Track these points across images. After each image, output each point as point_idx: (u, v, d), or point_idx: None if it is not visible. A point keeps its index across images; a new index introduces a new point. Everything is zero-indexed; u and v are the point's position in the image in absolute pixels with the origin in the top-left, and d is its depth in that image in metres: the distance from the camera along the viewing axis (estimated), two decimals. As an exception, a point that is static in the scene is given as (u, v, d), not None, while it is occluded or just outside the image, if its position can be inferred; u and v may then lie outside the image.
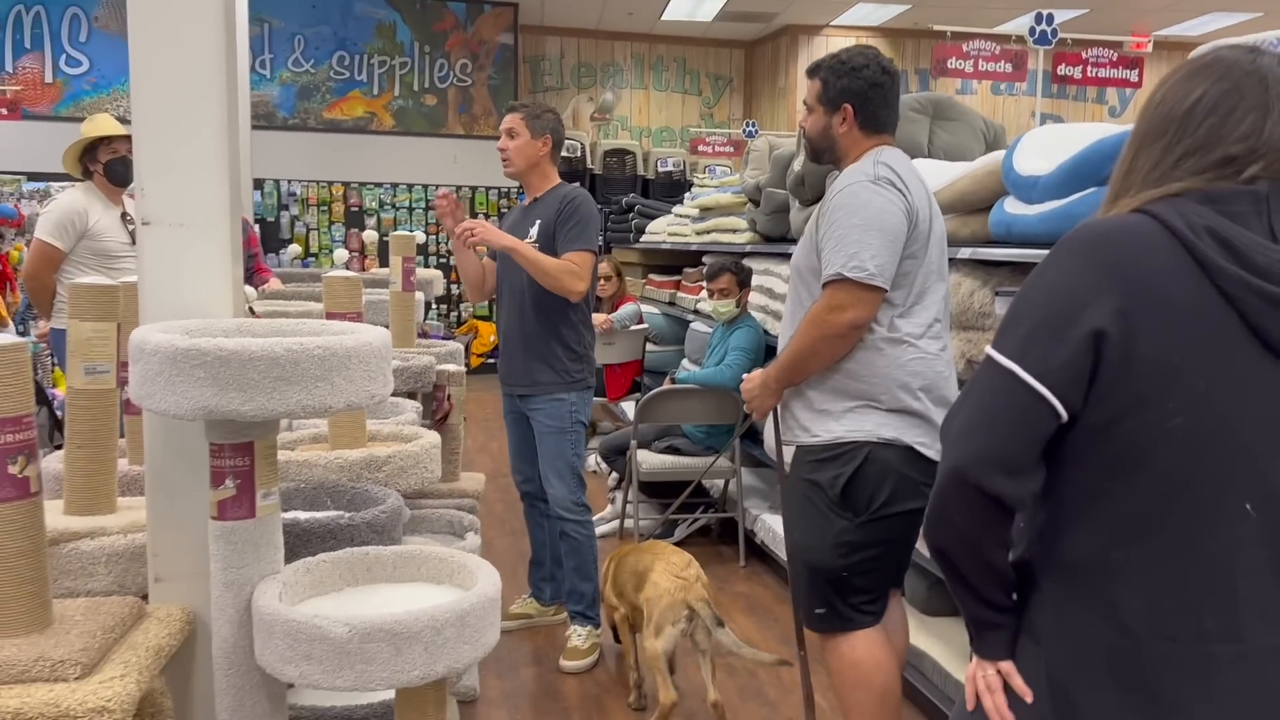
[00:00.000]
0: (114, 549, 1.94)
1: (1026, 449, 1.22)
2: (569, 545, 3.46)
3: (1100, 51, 4.96)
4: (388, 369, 1.76)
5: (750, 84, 12.38)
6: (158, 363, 1.56)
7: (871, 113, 2.38)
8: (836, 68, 2.39)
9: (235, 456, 1.72)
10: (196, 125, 1.80)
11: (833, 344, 2.28)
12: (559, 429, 3.39)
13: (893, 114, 2.43)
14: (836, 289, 2.25)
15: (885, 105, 2.39)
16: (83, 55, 9.70)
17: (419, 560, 1.95)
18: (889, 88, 2.39)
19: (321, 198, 10.44)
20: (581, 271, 3.28)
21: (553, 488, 3.42)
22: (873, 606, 2.39)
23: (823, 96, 2.42)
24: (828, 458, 2.32)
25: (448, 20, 10.68)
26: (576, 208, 3.32)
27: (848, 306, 2.23)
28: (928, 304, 2.33)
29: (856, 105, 2.37)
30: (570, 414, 3.40)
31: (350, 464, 2.41)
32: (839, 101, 2.38)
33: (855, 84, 2.37)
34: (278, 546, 1.81)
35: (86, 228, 4.12)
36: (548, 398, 3.38)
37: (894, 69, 2.43)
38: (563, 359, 3.37)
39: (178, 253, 1.83)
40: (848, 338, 2.27)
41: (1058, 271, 1.25)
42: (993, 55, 5.21)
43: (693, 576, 2.93)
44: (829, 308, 2.25)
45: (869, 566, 2.34)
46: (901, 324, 2.30)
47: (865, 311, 2.24)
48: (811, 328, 2.29)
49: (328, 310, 2.63)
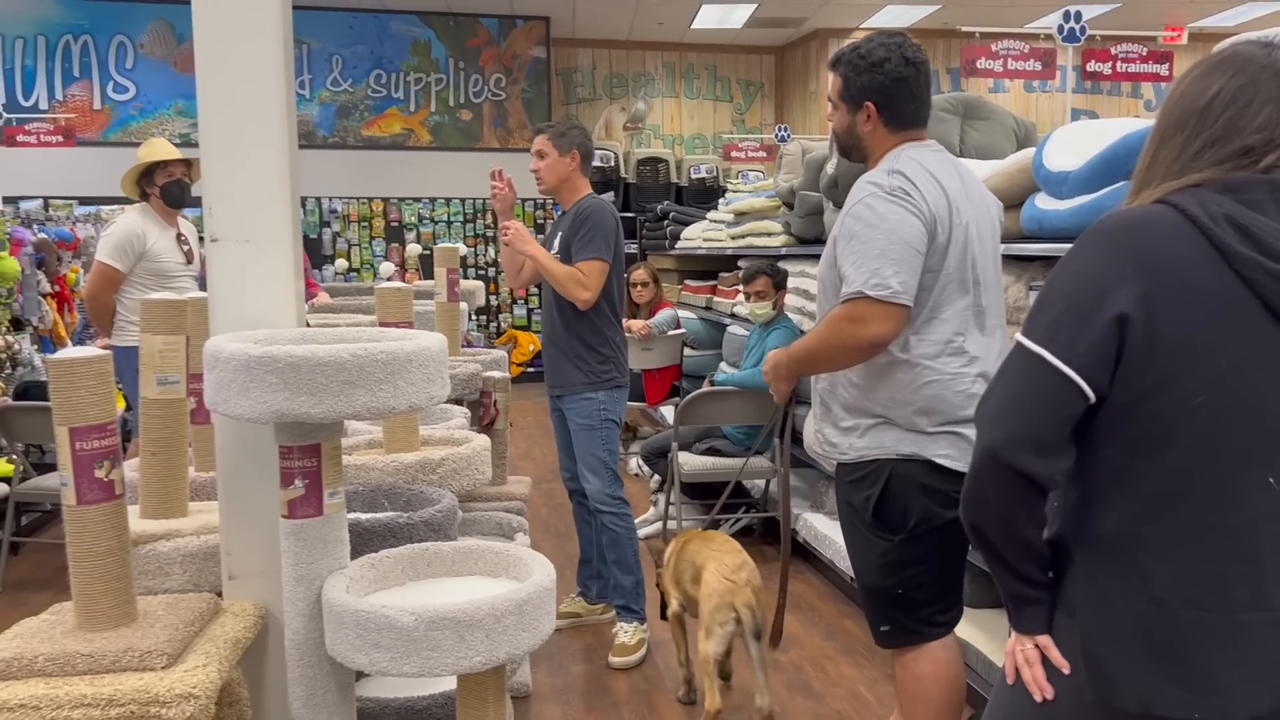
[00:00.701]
0: (188, 549, 2.05)
1: (1056, 429, 1.29)
2: (609, 538, 3.61)
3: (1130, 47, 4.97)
4: (445, 372, 1.86)
5: (781, 89, 12.43)
6: (232, 370, 1.66)
7: (896, 109, 2.26)
8: (856, 63, 2.28)
9: (304, 457, 1.82)
10: (259, 146, 1.91)
11: (849, 355, 2.19)
12: (589, 426, 3.57)
13: (922, 107, 2.29)
14: (856, 305, 2.13)
15: (912, 99, 2.27)
16: (129, 81, 9.97)
17: (476, 555, 2.04)
18: (914, 81, 2.26)
19: (362, 214, 10.63)
20: (587, 280, 3.46)
21: (589, 482, 3.60)
22: (943, 618, 2.31)
23: (845, 94, 2.32)
24: (858, 478, 2.28)
25: (481, 36, 10.84)
26: (586, 218, 3.51)
27: (870, 320, 2.12)
28: (945, 317, 2.21)
29: (880, 103, 2.26)
30: (599, 412, 3.56)
31: (405, 467, 2.51)
32: (860, 99, 2.28)
33: (876, 80, 2.25)
34: (344, 543, 1.91)
35: (145, 249, 4.28)
36: (578, 397, 3.57)
37: (919, 58, 2.27)
38: (589, 360, 3.55)
39: (244, 267, 1.93)
40: (865, 352, 2.16)
41: (1082, 261, 1.31)
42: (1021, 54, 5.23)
43: (743, 580, 2.95)
44: (850, 318, 2.14)
45: (922, 581, 2.27)
46: (915, 343, 2.20)
47: (889, 327, 2.12)
48: (831, 333, 2.19)
49: (381, 319, 2.73)
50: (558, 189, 3.63)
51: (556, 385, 3.65)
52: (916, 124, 2.30)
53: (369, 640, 1.72)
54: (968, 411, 2.19)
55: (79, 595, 1.73)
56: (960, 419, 2.20)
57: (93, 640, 1.67)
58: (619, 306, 3.67)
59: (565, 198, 3.64)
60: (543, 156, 3.59)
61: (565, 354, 3.58)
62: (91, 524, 1.71)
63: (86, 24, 9.84)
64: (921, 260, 2.15)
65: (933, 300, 2.20)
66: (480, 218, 10.89)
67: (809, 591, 4.20)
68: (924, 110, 2.31)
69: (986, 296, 2.26)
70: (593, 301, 3.49)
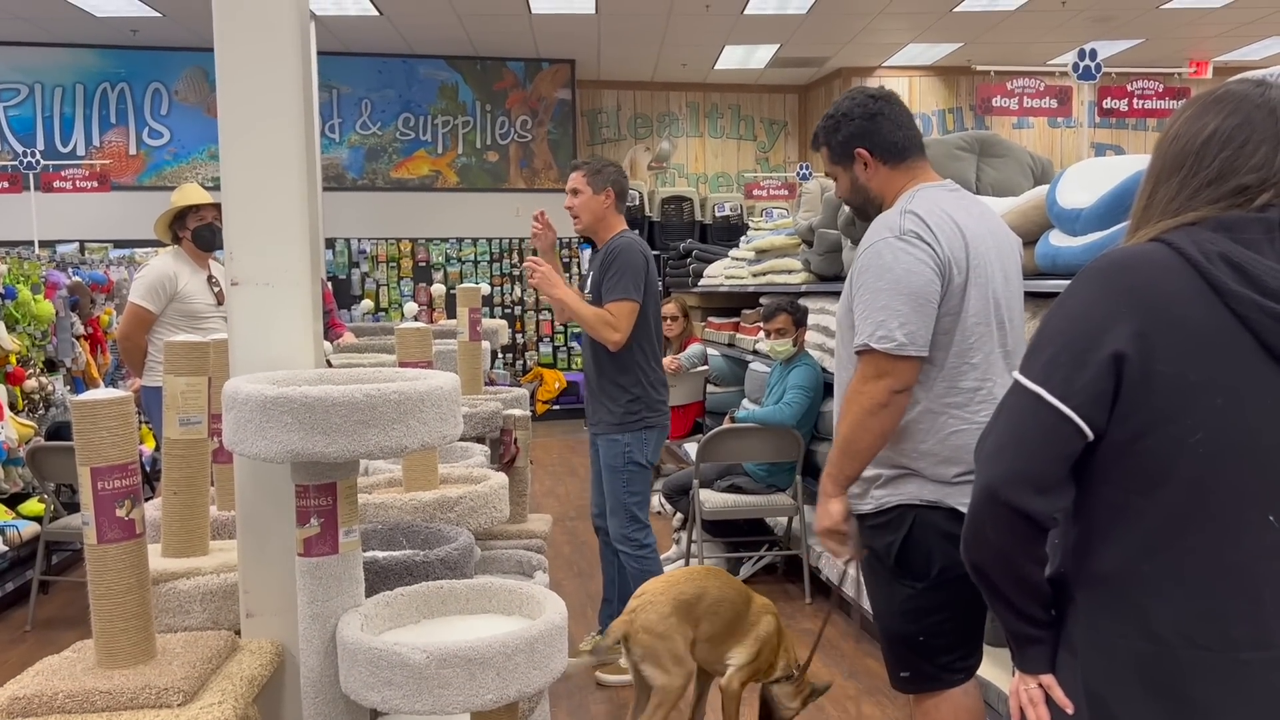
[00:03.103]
0: (208, 588, 2.08)
1: (1055, 467, 1.30)
2: (624, 577, 3.64)
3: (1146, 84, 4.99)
4: (458, 411, 1.89)
5: (805, 127, 12.51)
6: (249, 411, 1.71)
7: (887, 142, 2.25)
8: (829, 126, 2.32)
9: (319, 496, 1.85)
10: (278, 194, 1.97)
11: (879, 416, 2.11)
12: (613, 467, 3.61)
13: (909, 134, 2.27)
14: (869, 359, 2.11)
15: (896, 128, 2.26)
16: (164, 127, 10.21)
17: (490, 593, 2.06)
18: (889, 113, 2.26)
19: (390, 254, 10.78)
20: (616, 321, 3.49)
21: (610, 521, 3.64)
22: (963, 664, 2.28)
23: (834, 157, 2.33)
24: (879, 525, 2.24)
25: (507, 79, 11.02)
26: (615, 258, 3.54)
27: (882, 375, 2.09)
28: (975, 362, 2.15)
29: (869, 145, 2.26)
30: (623, 454, 3.57)
31: (424, 505, 2.54)
32: (848, 150, 2.29)
33: (854, 126, 2.26)
34: (359, 581, 1.94)
35: (176, 291, 4.37)
36: (606, 437, 3.62)
37: (884, 92, 2.30)
38: (618, 400, 3.57)
39: (264, 310, 1.98)
40: (893, 404, 2.11)
41: (1078, 299, 1.33)
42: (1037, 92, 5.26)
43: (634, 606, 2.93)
44: (863, 378, 2.12)
45: (943, 628, 2.23)
46: (943, 391, 2.15)
47: (902, 379, 2.10)
48: (850, 405, 2.15)
49: (400, 359, 2.78)
50: (593, 226, 3.68)
51: (591, 423, 3.73)
52: (913, 152, 2.27)
53: (381, 678, 1.74)
54: None
55: (99, 633, 1.76)
56: None
57: (112, 677, 1.70)
58: (656, 344, 3.69)
59: (600, 235, 3.71)
60: (577, 194, 3.64)
61: (596, 393, 3.66)
62: (112, 562, 1.75)
63: (124, 72, 10.11)
64: (933, 308, 2.11)
65: (958, 345, 2.15)
66: (506, 257, 11.00)
67: (831, 632, 4.17)
68: (915, 136, 2.28)
69: (1013, 338, 2.23)
70: (623, 343, 3.51)
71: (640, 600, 2.93)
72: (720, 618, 2.98)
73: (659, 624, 2.89)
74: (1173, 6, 9.30)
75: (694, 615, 2.94)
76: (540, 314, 11.14)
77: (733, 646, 3.00)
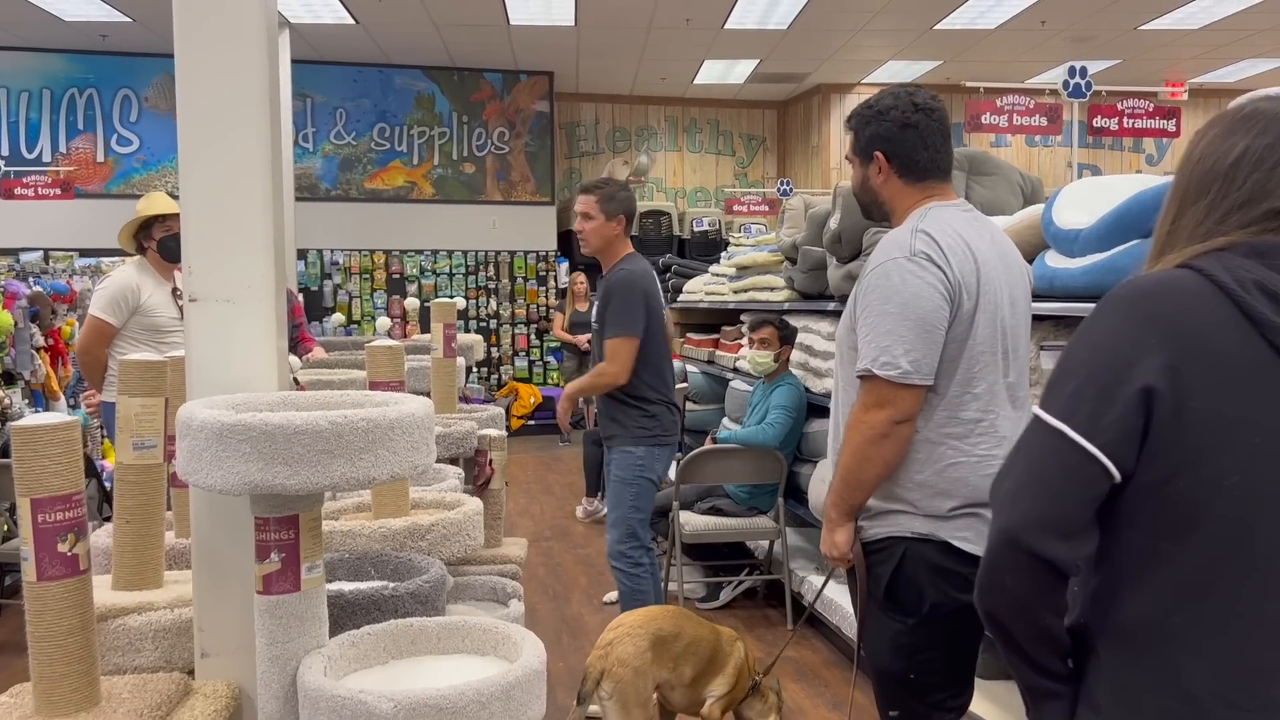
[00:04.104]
0: (161, 624, 1.95)
1: (1079, 510, 1.20)
2: (619, 591, 3.63)
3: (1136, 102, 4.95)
4: (430, 438, 1.77)
5: (783, 143, 12.49)
6: (204, 438, 1.58)
7: (907, 157, 2.14)
8: (864, 114, 2.21)
9: (280, 530, 1.72)
10: (240, 205, 1.85)
11: (880, 446, 2.02)
12: (622, 480, 3.58)
13: (936, 155, 2.16)
14: (871, 386, 2.02)
15: (924, 147, 2.14)
16: (133, 134, 10.02)
17: (463, 632, 1.94)
18: (924, 127, 2.14)
19: (364, 266, 10.62)
20: (617, 362, 3.54)
21: (608, 534, 3.62)
22: (953, 703, 2.19)
23: (856, 147, 2.24)
24: (869, 553, 2.14)
25: (485, 90, 10.91)
26: (614, 293, 3.57)
27: (884, 404, 2.00)
28: (978, 393, 2.05)
29: (888, 152, 2.16)
30: (636, 467, 3.57)
31: (393, 533, 2.41)
32: (870, 150, 2.19)
33: (883, 129, 2.16)
34: (322, 620, 1.81)
35: (139, 304, 4.22)
36: (619, 450, 3.60)
37: (930, 105, 2.16)
38: (633, 415, 3.59)
39: (224, 328, 1.86)
40: (894, 435, 2.01)
41: (1103, 328, 1.23)
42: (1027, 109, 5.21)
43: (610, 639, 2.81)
44: (864, 407, 2.03)
45: (934, 666, 2.13)
46: (943, 420, 2.05)
47: (905, 408, 2.00)
48: (852, 434, 2.06)
49: (371, 379, 2.66)
50: (601, 250, 3.68)
51: (605, 434, 3.72)
52: (934, 175, 2.17)
53: (345, 727, 1.61)
54: None
55: (38, 677, 1.63)
56: (982, 501, 2.06)
57: (50, 727, 1.57)
58: (666, 366, 3.71)
59: (607, 259, 3.70)
60: (588, 218, 3.61)
61: (609, 410, 3.65)
62: (53, 602, 1.61)
63: (92, 78, 9.92)
64: (941, 335, 2.01)
65: (962, 374, 2.05)
66: (482, 270, 10.87)
67: (814, 659, 4.07)
68: (941, 160, 2.17)
69: (1017, 369, 2.13)
70: (624, 376, 3.55)
71: (617, 632, 2.81)
72: (700, 657, 2.88)
73: (635, 658, 2.77)
74: (1151, 27, 9.34)
75: (671, 654, 2.83)
76: (516, 328, 11.01)
77: (713, 680, 2.90)
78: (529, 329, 11.05)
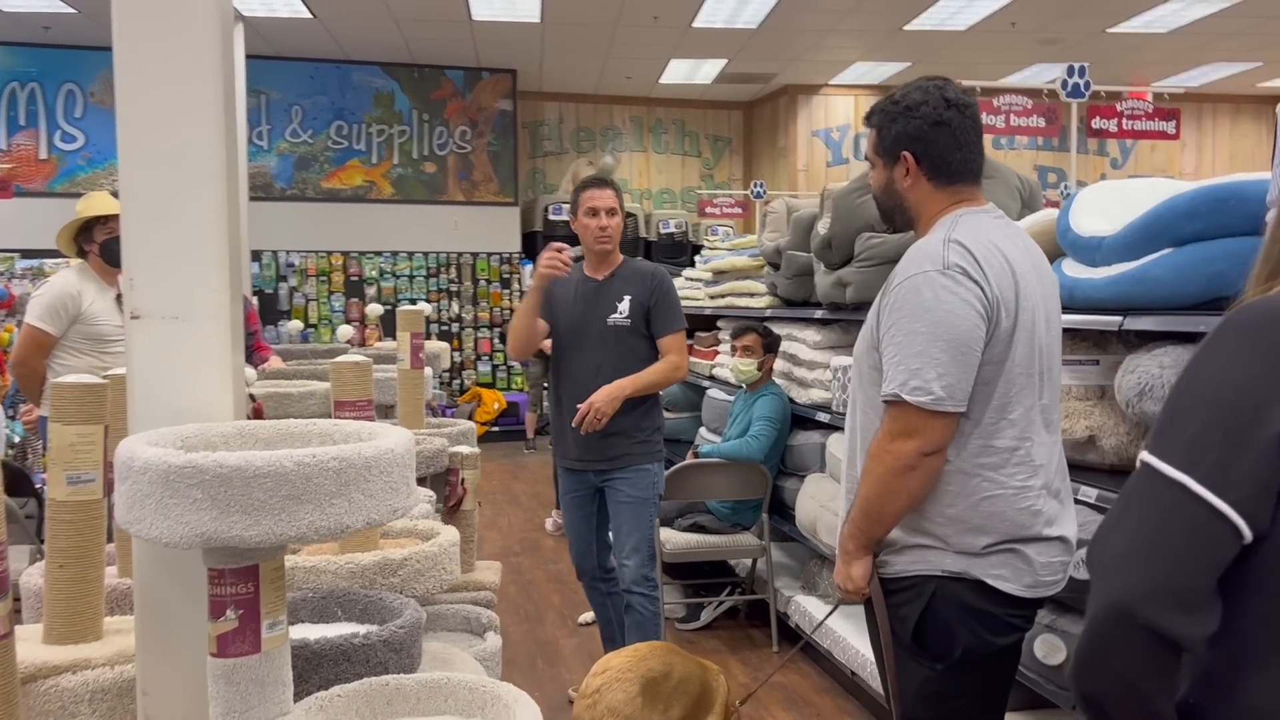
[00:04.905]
0: (99, 684, 1.72)
1: (1204, 578, 1.01)
2: (633, 620, 3.39)
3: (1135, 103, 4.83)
4: (411, 477, 1.55)
5: (750, 144, 12.34)
6: (148, 483, 1.35)
7: (939, 158, 1.96)
8: (889, 110, 2.01)
9: (237, 583, 1.49)
10: (191, 208, 1.61)
11: (906, 479, 1.84)
12: (641, 500, 3.39)
13: (969, 156, 1.98)
14: (898, 413, 1.84)
15: (957, 147, 1.96)
16: (78, 131, 9.62)
17: (446, 690, 1.72)
18: (957, 125, 1.96)
19: (321, 268, 10.30)
20: (683, 356, 3.45)
21: (626, 563, 3.38)
22: None
23: (880, 146, 2.04)
24: (894, 590, 1.96)
25: (446, 88, 10.64)
26: (667, 290, 3.45)
27: (913, 433, 1.82)
28: (1014, 419, 1.88)
29: (917, 152, 1.97)
30: (653, 485, 3.42)
31: (362, 569, 2.19)
32: (896, 150, 1.99)
33: (911, 126, 1.97)
34: (286, 684, 1.58)
35: (80, 311, 3.93)
36: (632, 469, 3.38)
37: (964, 100, 1.98)
38: (647, 430, 3.42)
39: (171, 349, 1.62)
40: (922, 468, 1.84)
41: (1222, 363, 1.04)
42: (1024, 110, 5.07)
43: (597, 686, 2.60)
44: (890, 435, 1.85)
45: (966, 715, 1.97)
46: (977, 449, 1.88)
47: (936, 438, 1.83)
48: (875, 464, 1.88)
49: (336, 399, 2.43)
50: (615, 249, 3.51)
51: (599, 460, 3.39)
52: (965, 178, 1.98)
53: (314, 816, 1.38)
54: (1030, 530, 1.89)
55: (-51, 762, 1.39)
56: (1019, 537, 1.89)
57: (-37, 823, 1.33)
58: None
59: (613, 258, 3.51)
60: (614, 214, 3.44)
61: (619, 427, 3.35)
62: (-33, 673, 1.37)
63: (34, 71, 9.51)
64: (976, 358, 1.84)
65: (998, 398, 1.88)
66: (444, 272, 10.59)
67: (804, 684, 3.88)
68: (973, 161, 1.99)
69: (1051, 391, 1.95)
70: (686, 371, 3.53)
71: (604, 678, 2.60)
72: (689, 695, 2.68)
73: (625, 705, 2.55)
74: (1120, 30, 9.30)
75: (662, 695, 2.62)
76: (479, 331, 10.75)
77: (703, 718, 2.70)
78: (492, 333, 10.79)
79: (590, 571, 3.57)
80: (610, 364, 3.37)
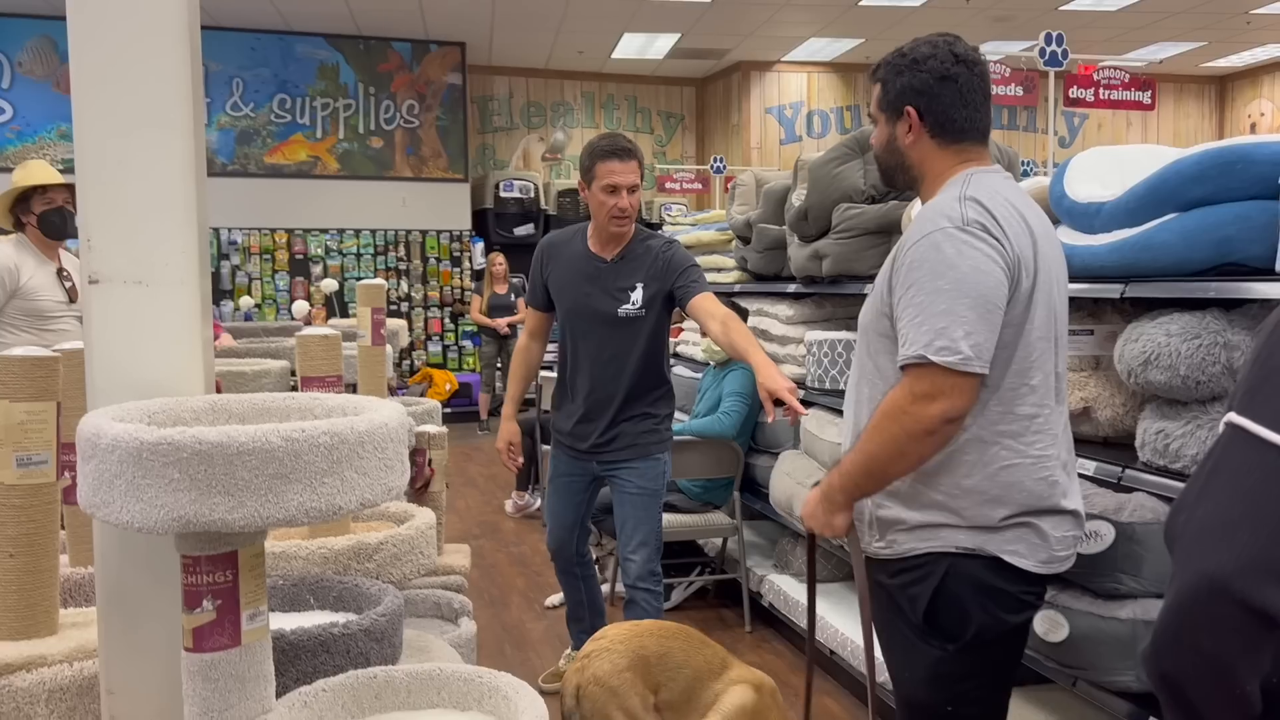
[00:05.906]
0: (57, 683, 1.58)
1: (1303, 549, 0.93)
2: (635, 616, 3.17)
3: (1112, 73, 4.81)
4: (404, 454, 1.43)
5: (702, 121, 12.23)
6: (116, 462, 1.21)
7: (943, 114, 1.87)
8: (895, 63, 1.91)
9: (215, 570, 1.36)
10: (157, 158, 1.46)
11: (920, 442, 1.75)
12: (651, 491, 3.20)
13: (976, 114, 1.89)
14: (921, 374, 1.73)
15: (963, 104, 1.87)
16: (5, 103, 9.21)
17: (439, 682, 1.60)
18: (964, 81, 1.86)
19: (264, 246, 10.01)
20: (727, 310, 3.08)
21: (632, 556, 3.19)
22: None
23: (883, 100, 1.94)
24: (902, 570, 1.88)
25: (393, 61, 10.37)
26: (682, 261, 3.15)
27: (937, 395, 1.71)
28: (1034, 384, 1.80)
29: (922, 107, 1.87)
30: (663, 474, 3.25)
31: (336, 554, 2.07)
32: (900, 104, 1.90)
33: (917, 80, 1.87)
34: (268, 678, 1.46)
35: (18, 286, 3.73)
36: (645, 460, 3.19)
37: (972, 57, 1.89)
38: (659, 417, 3.24)
39: (135, 317, 1.47)
40: (940, 434, 1.74)
41: (1315, 316, 0.97)
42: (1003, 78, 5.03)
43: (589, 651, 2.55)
44: (913, 396, 1.74)
45: (977, 696, 1.90)
46: (997, 416, 1.80)
47: (960, 401, 1.73)
48: (889, 422, 1.77)
49: (303, 375, 2.29)
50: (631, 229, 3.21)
51: (609, 449, 3.19)
52: (971, 136, 1.90)
53: (307, 824, 1.27)
54: (1047, 501, 1.81)
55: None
56: (1036, 509, 1.81)
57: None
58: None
59: (623, 236, 3.19)
60: (634, 191, 3.12)
61: (633, 415, 3.18)
62: (-89, 677, 1.23)
63: (-42, 40, 9.07)
64: (999, 316, 1.74)
65: (1017, 363, 1.79)
66: (392, 250, 10.35)
67: (779, 664, 3.82)
68: (980, 120, 1.90)
69: (1063, 359, 1.88)
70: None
71: (596, 645, 2.51)
72: (677, 685, 2.56)
73: (611, 677, 2.46)
74: (1071, 8, 9.34)
75: (652, 676, 2.51)
76: (429, 311, 10.53)
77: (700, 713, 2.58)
78: (443, 312, 10.58)
79: (568, 558, 3.41)
80: (623, 353, 3.16)
